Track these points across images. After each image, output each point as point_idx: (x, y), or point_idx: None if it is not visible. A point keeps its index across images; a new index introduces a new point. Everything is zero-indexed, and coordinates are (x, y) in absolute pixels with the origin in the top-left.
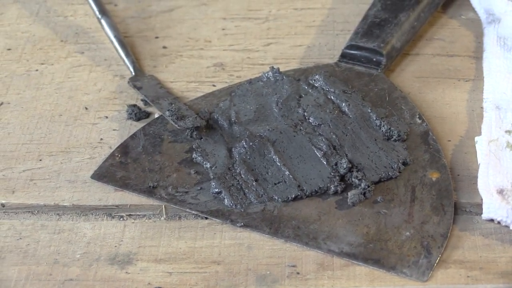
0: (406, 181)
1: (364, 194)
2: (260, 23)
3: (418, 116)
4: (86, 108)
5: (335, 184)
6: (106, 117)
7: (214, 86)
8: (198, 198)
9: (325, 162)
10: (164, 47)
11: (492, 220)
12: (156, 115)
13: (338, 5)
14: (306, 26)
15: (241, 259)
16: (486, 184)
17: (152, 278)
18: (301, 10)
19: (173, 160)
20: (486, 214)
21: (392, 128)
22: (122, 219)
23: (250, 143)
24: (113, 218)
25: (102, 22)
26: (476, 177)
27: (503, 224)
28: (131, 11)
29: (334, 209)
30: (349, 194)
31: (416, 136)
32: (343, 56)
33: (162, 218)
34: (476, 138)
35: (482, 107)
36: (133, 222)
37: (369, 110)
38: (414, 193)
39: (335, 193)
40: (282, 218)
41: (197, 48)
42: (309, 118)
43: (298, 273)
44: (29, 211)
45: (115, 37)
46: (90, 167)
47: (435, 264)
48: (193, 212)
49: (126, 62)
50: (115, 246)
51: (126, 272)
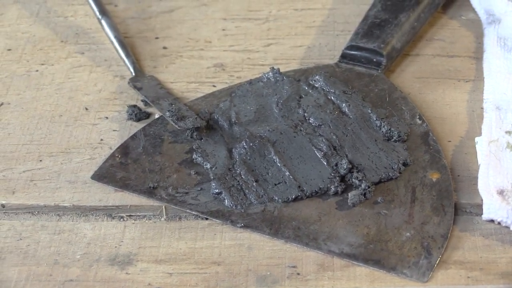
0: (407, 181)
1: (364, 194)
2: (260, 24)
3: (418, 116)
4: (86, 108)
5: (336, 184)
6: (106, 117)
7: (214, 86)
8: (198, 198)
9: (325, 163)
10: (164, 48)
11: (492, 220)
12: (156, 116)
13: (339, 5)
14: (306, 27)
15: (241, 260)
16: (486, 184)
17: (152, 279)
18: (301, 10)
19: (173, 160)
20: (486, 215)
21: (392, 128)
22: (122, 220)
23: (250, 144)
24: (113, 218)
25: (102, 22)
26: (476, 177)
27: (503, 224)
28: (131, 12)
29: (334, 209)
30: (349, 194)
31: (416, 136)
32: (343, 56)
33: (162, 219)
34: (476, 139)
35: (482, 108)
36: (133, 223)
37: (369, 111)
38: (415, 193)
39: (336, 193)
40: (282, 219)
41: (197, 48)
42: (309, 119)
43: (298, 273)
44: (29, 212)
45: (115, 37)
46: (90, 168)
47: (436, 264)
48: (193, 212)
49: (126, 63)
50: (115, 247)
51: (126, 272)
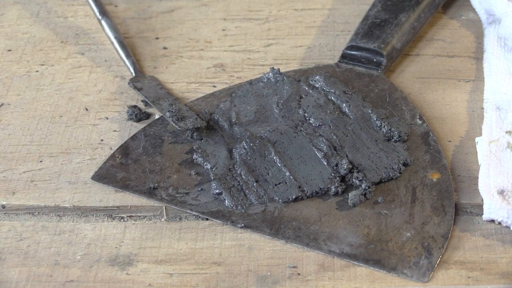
0: (407, 182)
1: (364, 195)
2: (260, 24)
3: (418, 116)
4: (86, 109)
5: (336, 185)
6: (107, 118)
7: (214, 87)
8: (199, 199)
9: (325, 163)
10: (164, 48)
11: (492, 220)
12: (156, 116)
13: (339, 5)
14: (307, 27)
15: (241, 260)
16: (487, 184)
17: (152, 279)
18: (301, 10)
19: (173, 161)
20: (486, 215)
21: (392, 128)
22: (122, 220)
23: (251, 144)
24: (113, 219)
25: (103, 23)
26: (476, 177)
27: (504, 224)
28: (132, 12)
29: (334, 210)
30: (349, 195)
31: (416, 136)
32: (344, 56)
33: (162, 219)
34: (476, 139)
35: (482, 108)
36: (133, 223)
37: (369, 111)
38: (415, 193)
39: (336, 194)
40: (282, 219)
41: (197, 49)
42: (309, 119)
43: (298, 274)
44: (29, 213)
45: (116, 38)
46: (91, 168)
47: (436, 265)
48: (193, 213)
49: (127, 63)
50: (116, 247)
51: (127, 273)
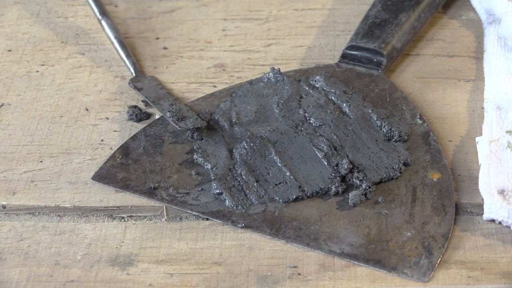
0: (407, 181)
1: (365, 194)
2: (260, 24)
3: (419, 116)
4: (86, 109)
5: (336, 185)
6: (107, 118)
7: (214, 87)
8: (199, 199)
9: (326, 163)
10: (164, 48)
11: (493, 220)
12: (156, 116)
13: (339, 5)
14: (307, 27)
15: (242, 260)
16: (487, 184)
17: (153, 279)
18: (301, 10)
19: (174, 161)
20: (487, 215)
21: (393, 128)
22: (123, 220)
23: (251, 144)
24: (114, 219)
25: (103, 23)
26: (477, 177)
27: (504, 224)
28: (132, 12)
29: (335, 209)
30: (350, 194)
31: (417, 136)
32: (344, 56)
33: (163, 219)
34: (477, 139)
35: (483, 108)
36: (134, 223)
37: (370, 111)
38: (415, 193)
39: (336, 194)
40: (283, 219)
41: (197, 49)
42: (309, 119)
43: (299, 274)
44: (30, 213)
45: (116, 38)
46: (91, 168)
47: (436, 264)
48: (194, 213)
49: (127, 63)
50: (116, 248)
51: (127, 273)
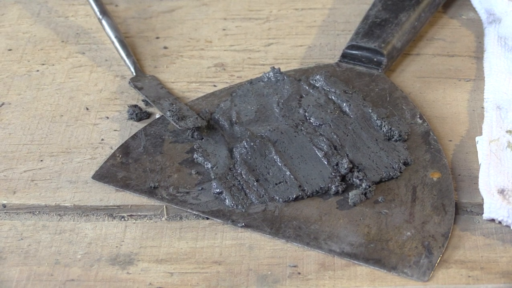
0: (407, 181)
1: (365, 194)
2: (261, 23)
3: (419, 116)
4: (87, 108)
5: (336, 184)
6: (107, 117)
7: (215, 86)
8: (199, 198)
9: (326, 162)
10: (165, 48)
11: (493, 220)
12: (157, 116)
13: (339, 5)
14: (307, 26)
15: (242, 259)
16: (487, 184)
17: (153, 279)
18: (301, 10)
19: (174, 160)
20: (487, 214)
21: (393, 128)
22: (123, 220)
23: (251, 143)
24: (114, 218)
25: (103, 22)
26: (477, 177)
27: (504, 224)
28: (132, 12)
29: (335, 209)
30: (350, 194)
31: (417, 136)
32: (344, 56)
33: (163, 219)
34: (477, 138)
35: (483, 107)
36: (134, 223)
37: (370, 110)
38: (415, 193)
39: (336, 193)
40: (283, 218)
41: (198, 48)
42: (310, 118)
43: (299, 273)
44: (30, 212)
45: (116, 37)
46: (91, 168)
47: (436, 264)
48: (194, 212)
49: (127, 63)
50: (116, 247)
51: (127, 272)
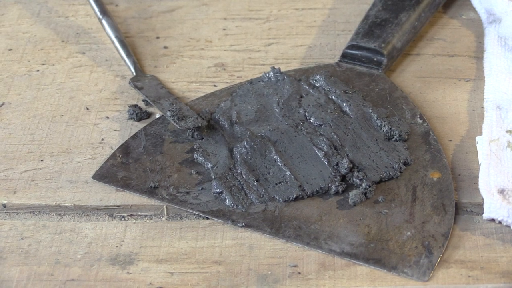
0: (407, 181)
1: (365, 194)
2: (261, 23)
3: (419, 116)
4: (87, 108)
5: (336, 184)
6: (107, 117)
7: (215, 86)
8: (199, 198)
9: (326, 162)
10: (165, 47)
11: (493, 220)
12: (157, 116)
13: (339, 5)
14: (307, 26)
15: (242, 259)
16: (487, 184)
17: (153, 278)
18: (302, 10)
19: (174, 160)
20: (487, 214)
21: (393, 128)
22: (123, 220)
23: (251, 143)
24: (114, 218)
25: (103, 22)
26: (477, 177)
27: (504, 224)
28: (132, 12)
29: (335, 209)
30: (350, 194)
31: (417, 136)
32: (344, 56)
33: (163, 218)
34: (477, 138)
35: (483, 107)
36: (134, 223)
37: (370, 110)
38: (415, 193)
39: (336, 193)
40: (283, 218)
41: (198, 48)
42: (310, 118)
43: (299, 273)
44: (30, 212)
45: (116, 37)
46: (92, 168)
47: (436, 264)
48: (194, 212)
49: (127, 63)
50: (117, 247)
51: (128, 272)
